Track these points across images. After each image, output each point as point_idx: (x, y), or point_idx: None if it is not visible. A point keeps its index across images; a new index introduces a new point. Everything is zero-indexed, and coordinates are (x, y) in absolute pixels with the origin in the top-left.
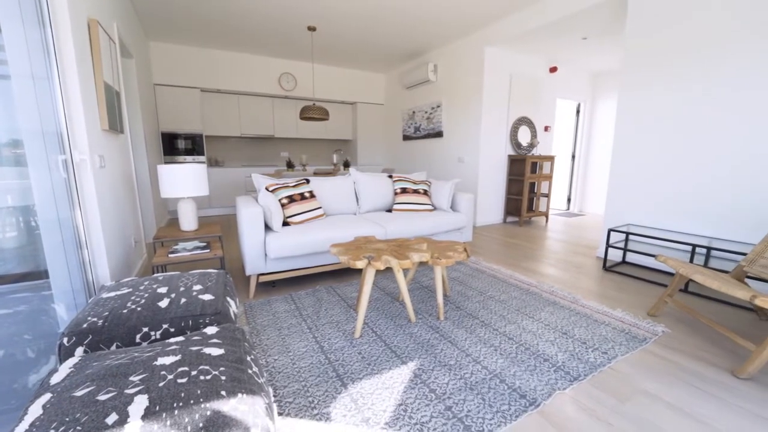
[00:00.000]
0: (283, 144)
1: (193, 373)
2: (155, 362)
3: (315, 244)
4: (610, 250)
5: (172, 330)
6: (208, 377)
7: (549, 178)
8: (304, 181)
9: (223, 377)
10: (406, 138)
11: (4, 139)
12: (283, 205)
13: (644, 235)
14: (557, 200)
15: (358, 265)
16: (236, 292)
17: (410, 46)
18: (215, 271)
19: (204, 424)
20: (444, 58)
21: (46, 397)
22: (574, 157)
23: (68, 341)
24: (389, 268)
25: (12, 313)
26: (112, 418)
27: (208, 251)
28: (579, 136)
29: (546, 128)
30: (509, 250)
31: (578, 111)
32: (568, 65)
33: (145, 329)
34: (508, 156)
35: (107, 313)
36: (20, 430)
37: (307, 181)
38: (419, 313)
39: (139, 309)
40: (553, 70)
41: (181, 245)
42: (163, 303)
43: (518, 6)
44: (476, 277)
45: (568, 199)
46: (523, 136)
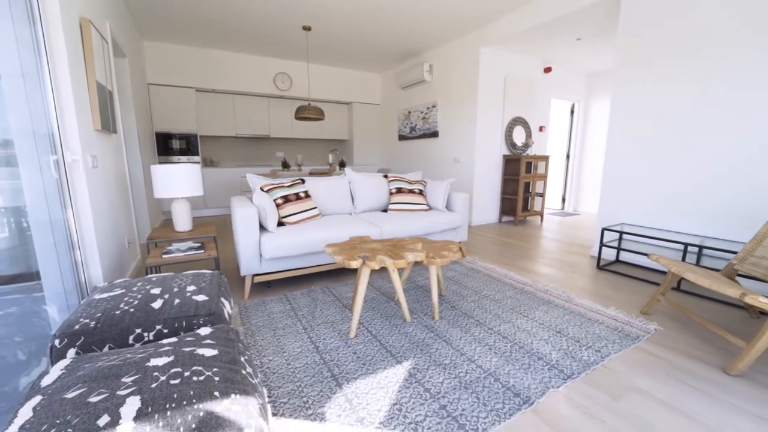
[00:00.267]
0: (278, 144)
1: (186, 374)
2: (148, 363)
3: (310, 244)
4: (604, 249)
5: (165, 331)
6: (201, 378)
7: (544, 177)
8: (299, 181)
9: (217, 378)
10: (402, 138)
11: None
12: (278, 206)
13: (637, 234)
14: (552, 200)
15: (353, 265)
16: (231, 292)
17: (405, 46)
18: (209, 271)
19: (197, 425)
20: (439, 58)
21: (36, 399)
22: (568, 156)
23: (60, 343)
24: (385, 268)
25: (2, 315)
26: (103, 420)
27: (202, 252)
28: (573, 136)
29: (541, 128)
30: (504, 249)
31: (572, 111)
32: (563, 66)
33: (138, 330)
34: (503, 156)
35: (100, 315)
36: None
37: (303, 181)
38: (414, 312)
39: (132, 310)
40: (547, 70)
41: (175, 246)
42: (157, 304)
43: (512, 7)
44: (471, 277)
45: (563, 199)
46: (518, 136)
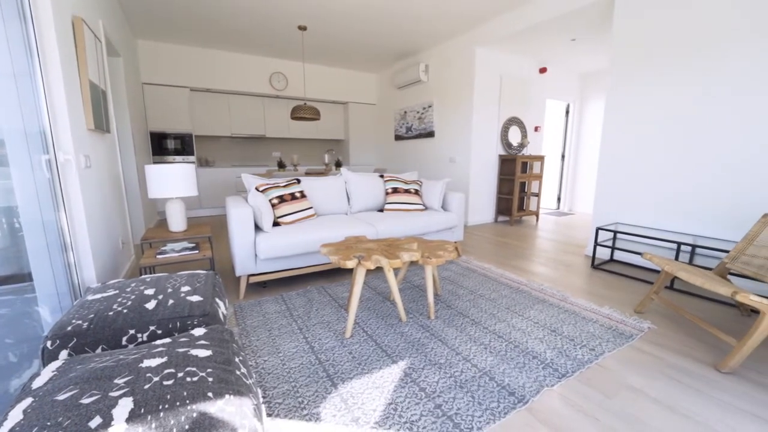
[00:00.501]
0: (274, 144)
1: (180, 374)
2: (141, 364)
3: (306, 244)
4: (599, 248)
5: (159, 332)
6: (195, 379)
7: (539, 177)
8: (294, 181)
9: (210, 379)
10: (398, 138)
11: None
12: (273, 206)
13: (631, 233)
14: (547, 199)
15: (348, 264)
16: (226, 293)
17: (401, 46)
18: (204, 272)
19: (190, 426)
20: (435, 58)
21: (27, 401)
22: (563, 156)
23: (52, 344)
24: (381, 268)
25: None
26: (95, 422)
27: (197, 252)
28: (568, 136)
29: (536, 128)
30: (500, 249)
31: (567, 111)
32: (558, 66)
33: (132, 331)
34: (499, 156)
35: (92, 316)
36: None
37: (298, 181)
38: (410, 312)
39: (125, 311)
40: (542, 70)
41: (169, 246)
42: (150, 305)
43: (507, 7)
44: (467, 276)
45: (558, 199)
46: (514, 136)
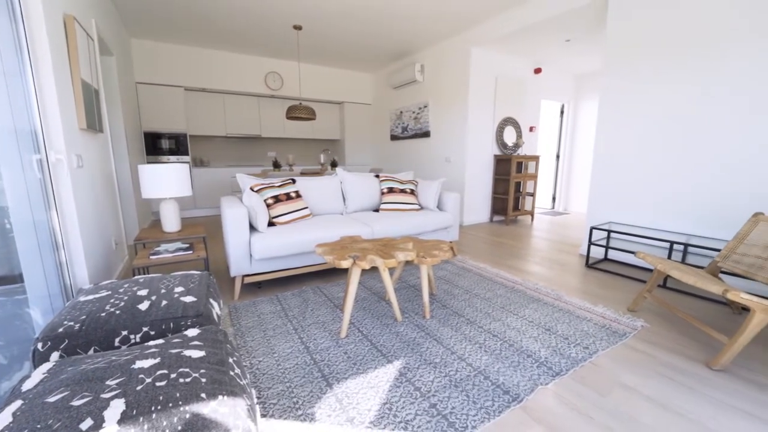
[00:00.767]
0: (270, 144)
1: (173, 375)
2: (133, 366)
3: (301, 244)
4: (593, 247)
5: (152, 333)
6: (188, 380)
7: (534, 177)
8: (290, 181)
9: (204, 379)
10: (393, 138)
11: None
12: (268, 206)
13: (625, 232)
14: (542, 199)
15: (343, 264)
16: (221, 293)
17: (397, 46)
18: (198, 272)
19: (183, 427)
20: (430, 58)
21: (16, 404)
22: (558, 156)
23: (43, 346)
24: (376, 268)
25: None
26: (86, 424)
27: (191, 252)
28: (563, 137)
29: (531, 128)
30: (495, 248)
31: (562, 112)
32: (552, 66)
33: (125, 332)
34: (494, 156)
35: (84, 317)
36: None
37: (293, 181)
38: (405, 311)
39: (118, 312)
40: (537, 71)
41: (163, 247)
42: (143, 305)
43: (501, 8)
44: (462, 276)
45: (553, 198)
46: (509, 137)
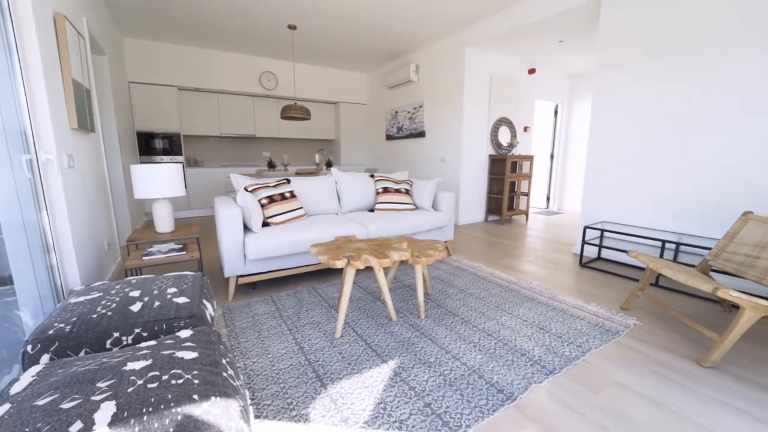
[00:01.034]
0: (264, 144)
1: (165, 377)
2: (124, 367)
3: (296, 244)
4: (586, 246)
5: (144, 334)
6: (180, 381)
7: (528, 177)
8: (284, 181)
9: (196, 381)
10: (389, 138)
11: None
12: (262, 206)
13: (618, 231)
14: (537, 199)
15: (338, 264)
16: (214, 294)
17: (392, 46)
18: (191, 273)
19: (174, 429)
20: (425, 58)
21: (4, 407)
22: (552, 156)
23: (32, 349)
24: (371, 268)
25: None
26: (76, 427)
27: (184, 253)
28: (557, 137)
29: (525, 128)
30: (490, 248)
31: (556, 112)
32: (546, 67)
33: (116, 334)
34: (489, 156)
35: (75, 319)
36: None
37: (288, 181)
38: (400, 311)
39: (109, 314)
40: (531, 71)
41: (156, 247)
42: (136, 307)
43: (495, 9)
44: (457, 276)
45: (547, 198)
46: (504, 136)
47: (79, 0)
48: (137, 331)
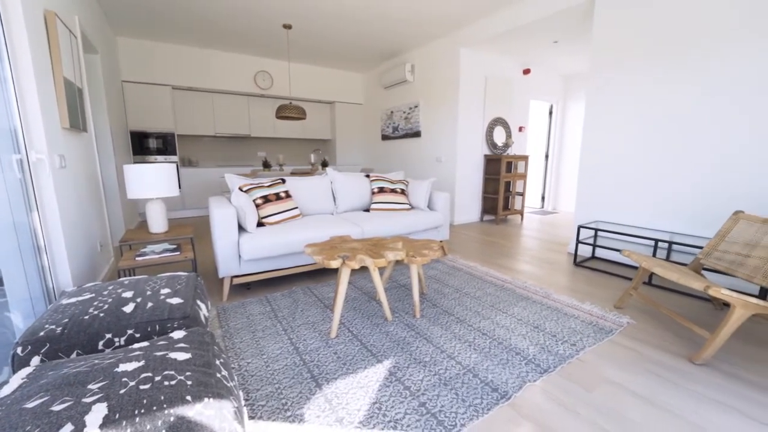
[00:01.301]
0: (259, 143)
1: (157, 378)
2: (116, 369)
3: (291, 244)
4: (581, 246)
5: (137, 335)
6: (173, 382)
7: (523, 177)
8: (279, 181)
9: (189, 382)
10: (384, 138)
11: None
12: (257, 206)
13: (611, 231)
14: (532, 199)
15: (333, 264)
16: (209, 295)
17: (387, 46)
18: (185, 273)
19: (167, 430)
20: (421, 58)
21: None
22: (547, 156)
23: (23, 351)
24: (367, 268)
25: None
26: (66, 429)
27: (178, 254)
28: (552, 137)
29: (520, 129)
30: (485, 247)
31: (551, 112)
32: (541, 67)
33: (109, 335)
34: (484, 156)
35: (67, 320)
36: None
37: (283, 181)
38: (396, 311)
39: (101, 315)
40: (526, 72)
41: (149, 248)
42: (128, 308)
43: (490, 10)
44: (453, 275)
45: (542, 198)
46: (499, 137)
47: None
48: (130, 332)
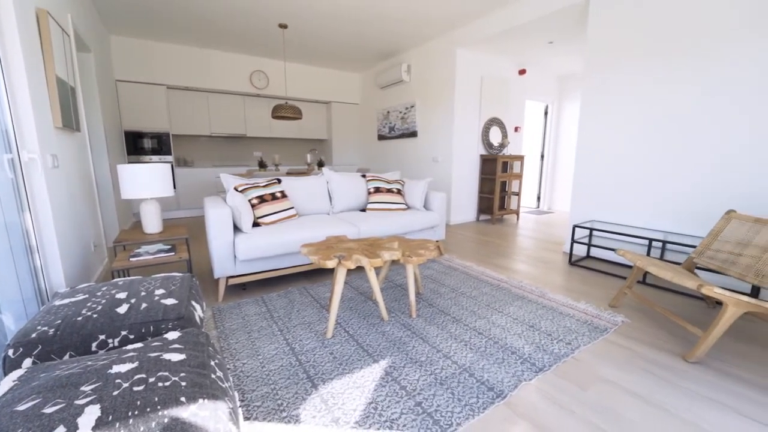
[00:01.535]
0: (255, 143)
1: (151, 380)
2: (110, 370)
3: (286, 244)
4: (575, 245)
5: (131, 337)
6: (167, 384)
7: (519, 177)
8: (275, 181)
9: (184, 383)
10: (381, 138)
11: None
12: (253, 206)
13: (606, 230)
14: (527, 198)
15: (329, 264)
16: (204, 295)
17: (383, 46)
18: (180, 274)
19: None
20: (417, 58)
21: None
22: (542, 156)
23: (14, 353)
24: (363, 268)
25: None
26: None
27: (172, 254)
28: (547, 137)
29: (516, 129)
30: (481, 247)
31: (546, 112)
32: (536, 68)
33: (102, 337)
34: (480, 156)
35: (59, 322)
36: None
37: (279, 181)
38: (392, 311)
39: (95, 316)
40: (522, 72)
41: (144, 248)
42: (122, 309)
43: (486, 10)
44: (449, 275)
45: (538, 198)
46: (495, 137)
47: None
48: (124, 333)
